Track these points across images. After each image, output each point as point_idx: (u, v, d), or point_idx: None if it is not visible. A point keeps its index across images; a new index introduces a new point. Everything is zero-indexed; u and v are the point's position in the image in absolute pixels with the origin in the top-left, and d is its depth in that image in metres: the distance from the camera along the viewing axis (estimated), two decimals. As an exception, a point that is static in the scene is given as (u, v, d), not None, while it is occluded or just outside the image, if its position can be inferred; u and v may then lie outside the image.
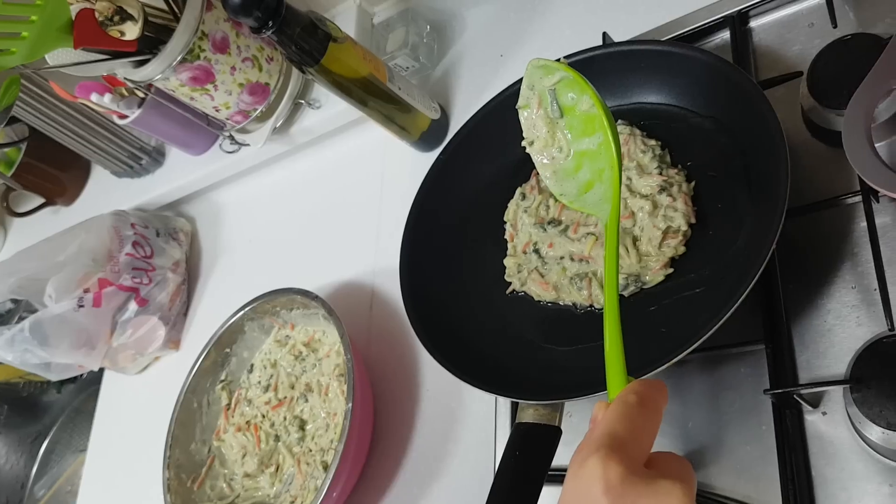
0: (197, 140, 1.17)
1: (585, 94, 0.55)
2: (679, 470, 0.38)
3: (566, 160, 0.59)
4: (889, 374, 0.54)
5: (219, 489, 0.92)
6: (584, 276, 0.70)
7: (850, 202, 0.63)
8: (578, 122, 0.57)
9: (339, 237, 1.04)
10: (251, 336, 0.97)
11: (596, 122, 0.55)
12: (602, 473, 0.36)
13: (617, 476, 0.35)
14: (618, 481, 0.35)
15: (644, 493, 0.35)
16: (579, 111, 0.56)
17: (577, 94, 0.56)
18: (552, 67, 0.57)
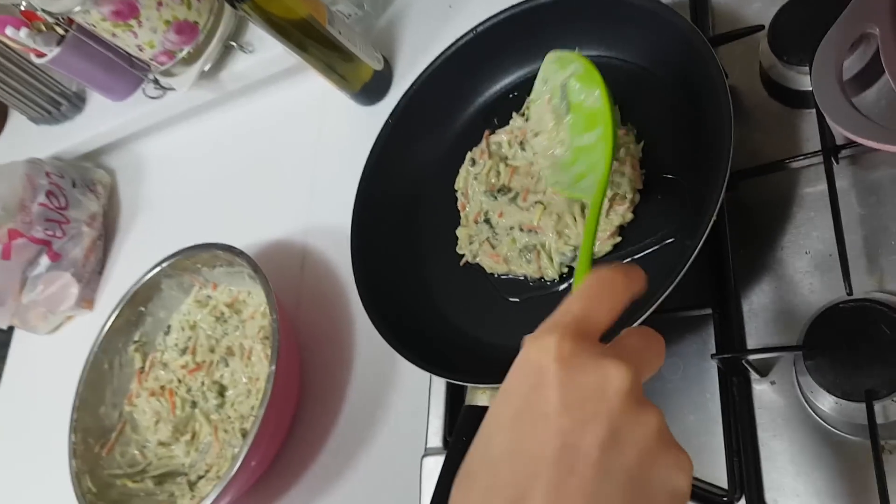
0: (119, 84, 1.10)
1: (595, 88, 0.57)
2: (636, 351, 0.37)
3: (565, 153, 0.60)
4: (845, 341, 0.51)
5: (130, 456, 0.86)
6: (532, 248, 0.66)
7: (807, 164, 0.60)
8: (583, 118, 0.58)
9: (270, 193, 0.98)
10: (169, 295, 0.90)
11: (599, 116, 0.56)
12: (551, 346, 0.35)
13: (568, 349, 0.34)
14: (568, 354, 0.34)
15: (589, 369, 0.34)
16: (586, 107, 0.57)
17: (586, 88, 0.58)
18: (567, 59, 0.59)
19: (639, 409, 0.34)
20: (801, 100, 0.62)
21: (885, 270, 0.55)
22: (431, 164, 0.78)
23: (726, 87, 0.57)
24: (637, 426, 0.33)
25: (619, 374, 0.34)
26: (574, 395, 0.34)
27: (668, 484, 0.33)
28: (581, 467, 0.33)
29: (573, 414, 0.33)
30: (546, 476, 0.33)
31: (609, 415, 0.33)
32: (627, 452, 0.33)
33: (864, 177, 0.58)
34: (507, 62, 0.76)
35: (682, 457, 0.34)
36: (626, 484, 0.32)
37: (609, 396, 0.34)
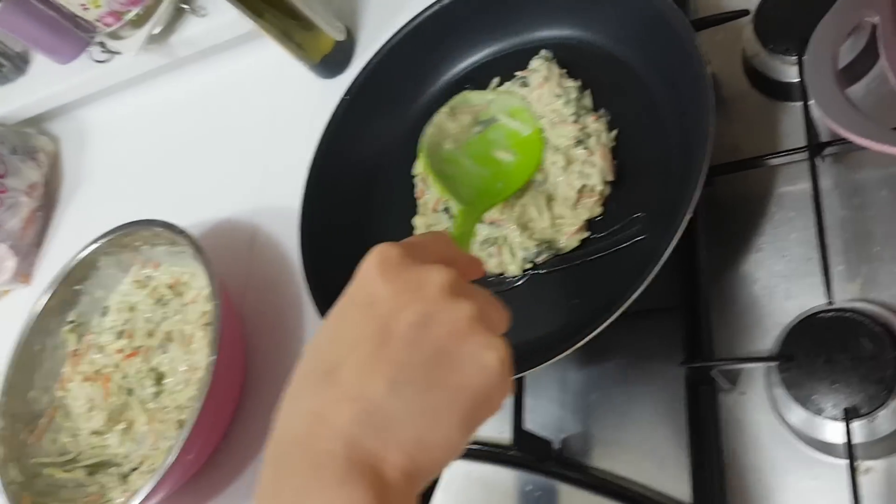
0: (64, 45, 1.04)
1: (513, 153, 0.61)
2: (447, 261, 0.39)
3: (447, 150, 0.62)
4: (823, 354, 0.47)
5: (60, 444, 0.81)
6: (493, 242, 0.62)
7: (788, 161, 0.57)
8: (480, 150, 0.62)
9: (221, 168, 0.93)
10: (106, 273, 0.85)
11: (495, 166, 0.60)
12: (380, 251, 0.38)
13: (395, 253, 0.38)
14: (395, 257, 0.37)
15: (412, 268, 0.37)
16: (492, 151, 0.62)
17: (506, 145, 0.62)
18: (525, 117, 0.63)
19: (454, 299, 0.36)
20: (785, 92, 0.59)
21: (867, 278, 0.51)
22: (390, 145, 0.73)
23: (707, 74, 0.53)
24: (449, 311, 0.36)
25: (439, 272, 0.37)
26: (395, 285, 0.37)
27: (476, 358, 0.35)
28: (393, 341, 0.35)
29: (392, 301, 0.36)
30: (360, 349, 0.35)
31: (424, 301, 0.36)
32: (437, 331, 0.36)
33: (849, 177, 0.55)
34: (475, 38, 0.72)
35: (494, 340, 0.36)
36: (434, 354, 0.35)
37: (426, 288, 0.36)
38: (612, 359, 0.59)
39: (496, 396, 0.36)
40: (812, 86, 0.44)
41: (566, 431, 0.59)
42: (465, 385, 0.35)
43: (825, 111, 0.43)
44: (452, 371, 0.35)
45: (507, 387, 0.37)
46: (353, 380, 0.35)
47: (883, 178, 0.54)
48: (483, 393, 0.35)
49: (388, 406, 0.34)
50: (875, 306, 0.49)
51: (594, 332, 0.49)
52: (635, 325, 0.58)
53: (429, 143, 0.62)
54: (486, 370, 0.35)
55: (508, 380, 0.36)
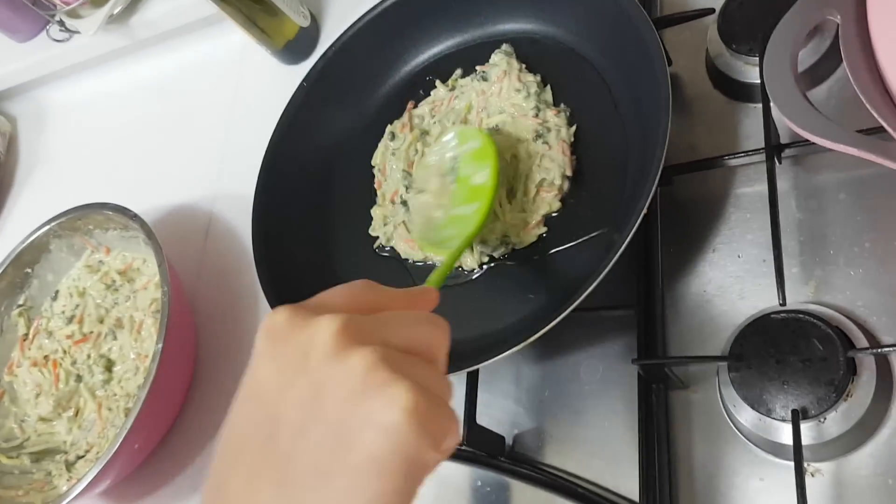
0: (22, 23, 1.01)
1: (486, 167, 0.58)
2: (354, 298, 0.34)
3: (441, 218, 0.60)
4: (774, 355, 0.47)
5: (7, 430, 0.79)
6: None
7: (747, 162, 0.56)
8: (466, 191, 0.59)
9: (179, 153, 0.91)
10: (58, 257, 0.83)
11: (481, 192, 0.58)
12: (266, 321, 0.33)
13: (280, 319, 0.32)
14: (280, 323, 0.32)
15: (297, 332, 0.31)
16: (471, 182, 0.59)
17: (477, 165, 0.59)
18: (468, 135, 0.62)
19: (343, 354, 0.30)
20: (747, 93, 0.59)
21: (820, 281, 0.51)
22: (349, 134, 0.72)
23: (667, 72, 0.53)
24: (337, 374, 0.30)
25: (322, 326, 0.31)
26: (278, 362, 0.32)
27: (374, 419, 0.29)
28: (280, 433, 0.30)
29: (276, 382, 0.31)
30: (245, 453, 0.31)
31: (309, 371, 0.31)
32: (326, 403, 0.30)
33: (807, 179, 0.55)
34: (438, 29, 0.71)
35: (394, 390, 0.29)
36: (328, 434, 0.30)
37: (311, 352, 0.31)
38: (566, 355, 0.58)
39: (418, 454, 0.29)
40: (770, 83, 0.43)
41: (519, 428, 0.58)
42: (368, 459, 0.29)
43: (781, 108, 0.43)
44: (351, 447, 0.29)
45: (433, 436, 0.30)
46: (239, 493, 0.31)
47: (840, 181, 0.54)
48: (395, 459, 0.29)
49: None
50: (827, 309, 0.49)
51: (547, 327, 0.49)
52: (591, 323, 0.58)
53: (421, 230, 0.61)
54: (389, 430, 0.29)
55: (430, 428, 0.29)
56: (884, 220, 0.51)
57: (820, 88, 0.56)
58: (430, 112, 0.68)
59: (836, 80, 0.56)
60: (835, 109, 0.55)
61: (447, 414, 0.31)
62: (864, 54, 0.41)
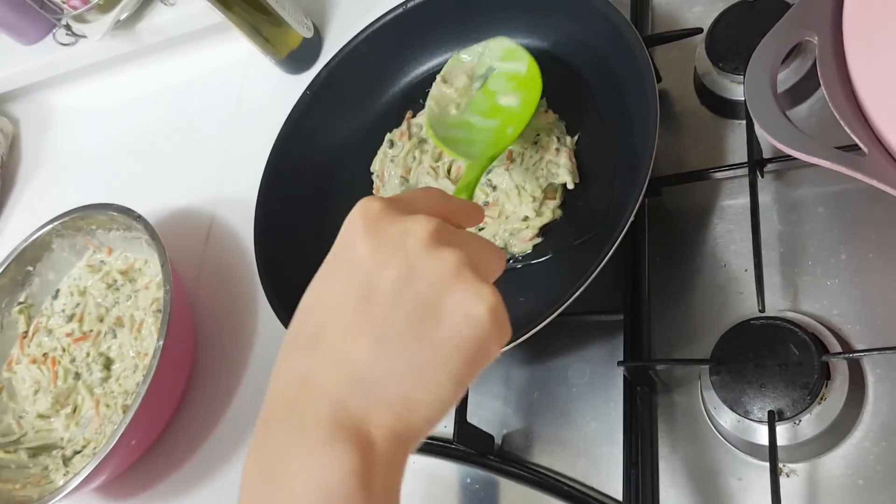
0: (29, 26, 1.02)
1: (517, 94, 0.59)
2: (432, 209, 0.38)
3: (452, 117, 0.61)
4: (753, 359, 0.49)
5: (5, 425, 0.80)
6: None
7: (731, 175, 0.59)
8: (486, 103, 0.59)
9: (182, 157, 0.93)
10: (60, 256, 0.84)
11: (503, 114, 0.58)
12: (362, 206, 0.37)
13: (376, 207, 0.36)
14: (376, 210, 0.36)
15: (394, 221, 0.36)
16: (496, 100, 0.59)
17: (508, 87, 0.60)
18: (517, 55, 0.61)
19: (437, 249, 0.35)
20: (732, 109, 0.61)
21: (799, 290, 0.54)
22: (349, 142, 0.74)
23: (655, 88, 0.55)
24: (432, 262, 0.34)
25: (421, 223, 0.35)
26: (377, 241, 0.35)
27: (462, 309, 0.34)
28: (376, 297, 0.34)
29: (374, 257, 0.35)
30: (343, 310, 0.35)
31: (406, 254, 0.35)
32: (421, 284, 0.34)
33: (788, 193, 0.57)
34: (437, 42, 0.73)
35: (483, 289, 0.34)
36: (419, 309, 0.34)
37: (408, 240, 0.35)
38: (555, 358, 0.60)
39: (489, 346, 0.34)
40: (750, 100, 0.46)
41: (508, 427, 0.60)
42: (452, 338, 0.33)
43: (759, 122, 0.45)
44: (439, 325, 0.34)
45: (501, 335, 0.35)
46: (337, 342, 0.34)
47: (819, 196, 0.56)
48: (471, 345, 0.34)
49: (372, 366, 0.33)
50: (804, 316, 0.52)
51: (534, 329, 0.51)
52: (579, 327, 0.60)
53: (431, 116, 0.61)
54: (473, 321, 0.34)
55: (501, 328, 0.35)
56: (859, 233, 0.53)
57: (802, 106, 0.59)
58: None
59: (817, 98, 0.58)
60: (815, 126, 0.57)
61: (509, 326, 0.36)
62: (840, 74, 0.44)
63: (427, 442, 0.61)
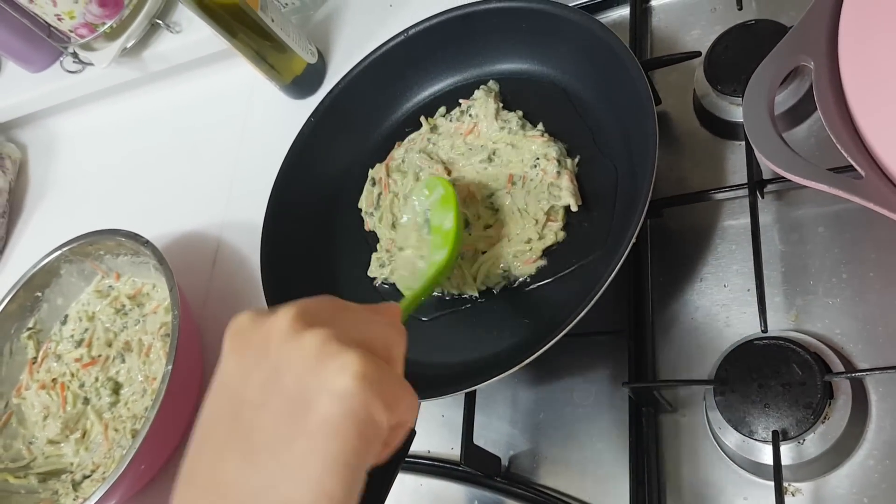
0: (36, 54, 1.04)
1: (450, 212, 0.62)
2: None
3: (424, 267, 0.63)
4: (756, 379, 0.50)
5: (14, 450, 0.80)
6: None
7: (732, 196, 0.60)
8: (440, 239, 0.62)
9: (188, 183, 0.94)
10: (68, 281, 0.85)
11: (449, 236, 0.61)
12: (231, 324, 0.36)
13: (244, 320, 0.35)
14: (243, 324, 0.35)
15: (258, 328, 0.34)
16: (443, 229, 0.62)
17: (444, 213, 0.63)
18: (432, 185, 0.65)
19: (298, 336, 0.33)
20: (731, 131, 0.62)
21: (801, 309, 0.54)
22: (353, 166, 0.75)
23: (654, 111, 0.56)
24: (294, 351, 0.32)
25: (279, 316, 0.34)
26: (242, 352, 0.34)
27: (327, 388, 0.31)
28: (243, 413, 0.33)
29: (240, 370, 0.34)
30: (215, 435, 0.33)
31: (269, 355, 0.33)
32: (285, 378, 0.32)
33: (788, 213, 0.58)
34: (438, 69, 0.74)
35: (346, 357, 0.32)
36: (284, 406, 0.32)
37: (271, 340, 0.33)
38: (560, 379, 0.61)
39: (369, 416, 0.31)
40: (748, 123, 0.46)
41: (515, 449, 0.60)
42: (322, 421, 0.31)
43: (756, 146, 0.46)
44: (307, 413, 0.31)
45: (382, 398, 0.32)
46: (207, 470, 0.33)
47: (819, 215, 0.56)
48: (346, 422, 0.31)
49: (242, 482, 0.31)
50: (807, 336, 0.52)
51: (540, 350, 0.51)
52: (584, 348, 0.61)
53: (408, 283, 0.65)
54: (340, 395, 0.31)
55: (378, 391, 0.31)
56: (860, 252, 0.54)
57: (801, 127, 0.59)
58: (404, 153, 0.71)
59: (815, 120, 0.59)
60: (814, 147, 0.58)
61: (398, 380, 0.34)
62: (836, 97, 0.44)
63: (434, 464, 0.62)
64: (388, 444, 0.35)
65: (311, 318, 0.33)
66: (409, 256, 0.65)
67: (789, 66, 0.47)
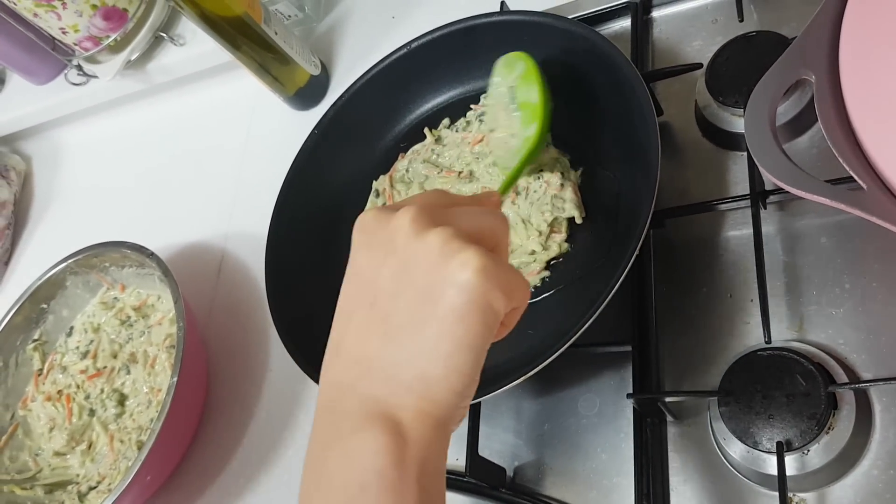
0: (41, 67, 1.04)
1: (535, 85, 0.61)
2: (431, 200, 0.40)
3: (517, 143, 0.62)
4: (760, 390, 0.50)
5: (21, 462, 0.81)
6: None
7: (734, 207, 0.60)
8: (529, 113, 0.62)
9: (192, 194, 0.94)
10: (73, 293, 0.85)
11: (536, 109, 0.61)
12: (358, 220, 0.40)
13: (370, 217, 0.39)
14: (370, 219, 0.39)
15: (384, 223, 0.38)
16: (530, 103, 0.62)
17: (528, 87, 0.62)
18: (513, 61, 0.64)
19: (423, 234, 0.36)
20: (733, 142, 0.62)
21: (805, 320, 0.54)
22: (357, 178, 0.75)
23: (656, 123, 0.56)
24: (420, 247, 0.36)
25: (402, 215, 0.37)
26: (372, 247, 0.38)
27: (451, 280, 0.35)
28: (379, 299, 0.37)
29: (372, 263, 0.38)
30: (355, 318, 0.38)
31: (396, 250, 0.37)
32: (414, 272, 0.36)
33: (791, 224, 0.58)
34: (441, 81, 0.74)
35: (466, 253, 0.35)
36: (418, 294, 0.36)
37: (397, 236, 0.37)
38: (565, 390, 0.61)
39: (488, 304, 0.35)
40: (749, 136, 0.47)
41: (520, 460, 0.60)
42: (450, 309, 0.35)
43: (758, 159, 0.46)
44: (436, 302, 0.35)
45: (499, 289, 0.35)
46: (354, 346, 0.38)
47: (822, 226, 0.57)
48: (470, 309, 0.35)
49: (386, 357, 0.36)
50: (810, 346, 0.52)
51: (544, 362, 0.51)
52: (588, 359, 0.61)
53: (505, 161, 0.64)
54: (463, 287, 0.35)
55: (496, 283, 0.35)
56: (862, 262, 0.54)
57: (802, 138, 0.60)
58: (408, 164, 0.72)
59: (817, 130, 0.59)
60: (815, 159, 0.58)
61: (512, 271, 0.37)
62: (837, 110, 0.45)
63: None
64: (506, 325, 0.39)
65: (430, 215, 0.37)
66: (501, 137, 0.65)
67: (790, 79, 0.47)
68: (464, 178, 0.68)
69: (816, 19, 0.49)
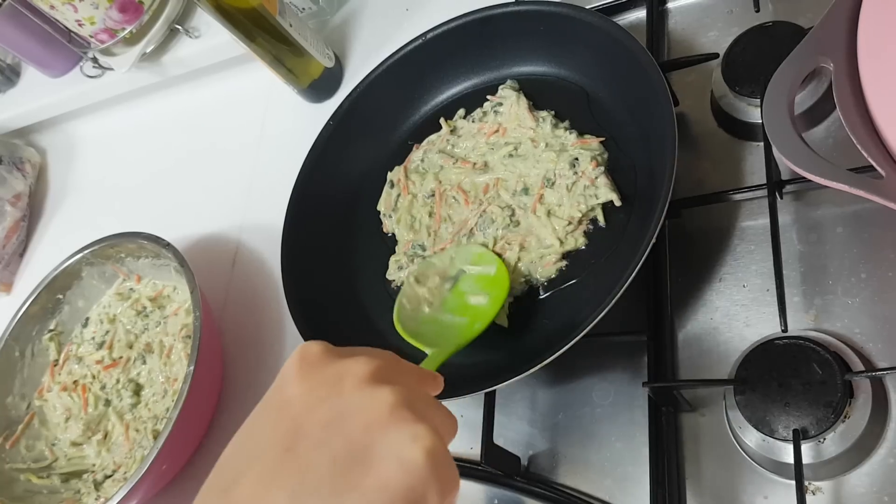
0: (56, 59, 1.05)
1: (485, 294, 0.61)
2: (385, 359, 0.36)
3: (424, 314, 0.62)
4: (776, 378, 0.50)
5: (37, 451, 0.82)
6: None
7: (751, 197, 0.60)
8: (457, 304, 0.61)
9: (207, 185, 0.95)
10: (89, 284, 0.86)
11: (472, 311, 0.60)
12: (300, 350, 0.36)
13: (315, 350, 0.35)
14: (314, 353, 0.35)
15: (331, 364, 0.34)
16: (466, 300, 0.61)
17: (478, 289, 0.62)
18: (487, 259, 0.63)
19: (373, 389, 0.33)
20: (749, 132, 0.62)
21: (820, 309, 0.54)
22: (372, 168, 0.75)
23: (673, 113, 0.56)
24: (367, 400, 0.32)
25: (360, 362, 0.34)
26: (311, 382, 0.34)
27: (396, 452, 0.31)
28: (300, 445, 0.32)
29: (306, 399, 0.33)
30: (264, 458, 0.32)
31: (339, 396, 0.33)
32: (351, 426, 0.32)
33: (807, 214, 0.58)
34: (456, 71, 0.74)
35: (420, 428, 0.32)
36: (347, 454, 0.31)
37: (345, 380, 0.34)
38: (580, 380, 0.61)
39: (424, 496, 0.31)
40: (768, 125, 0.47)
41: (534, 448, 0.61)
42: (381, 486, 0.30)
43: (777, 147, 0.46)
44: (368, 471, 0.31)
45: (441, 482, 0.31)
46: (251, 497, 0.31)
47: (838, 215, 0.57)
48: (407, 494, 0.30)
49: None
50: (826, 335, 0.52)
51: (559, 351, 0.51)
52: (603, 348, 0.61)
53: (402, 313, 0.62)
54: (406, 465, 0.31)
55: (441, 474, 0.31)
56: (878, 252, 0.54)
57: (819, 128, 0.60)
58: (423, 154, 0.72)
59: (834, 119, 0.59)
60: (833, 147, 0.58)
61: (455, 467, 0.33)
62: (855, 98, 0.45)
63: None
64: None
65: (389, 375, 0.34)
66: (419, 295, 0.64)
67: (809, 67, 0.47)
68: (479, 168, 0.68)
69: (834, 7, 0.49)
